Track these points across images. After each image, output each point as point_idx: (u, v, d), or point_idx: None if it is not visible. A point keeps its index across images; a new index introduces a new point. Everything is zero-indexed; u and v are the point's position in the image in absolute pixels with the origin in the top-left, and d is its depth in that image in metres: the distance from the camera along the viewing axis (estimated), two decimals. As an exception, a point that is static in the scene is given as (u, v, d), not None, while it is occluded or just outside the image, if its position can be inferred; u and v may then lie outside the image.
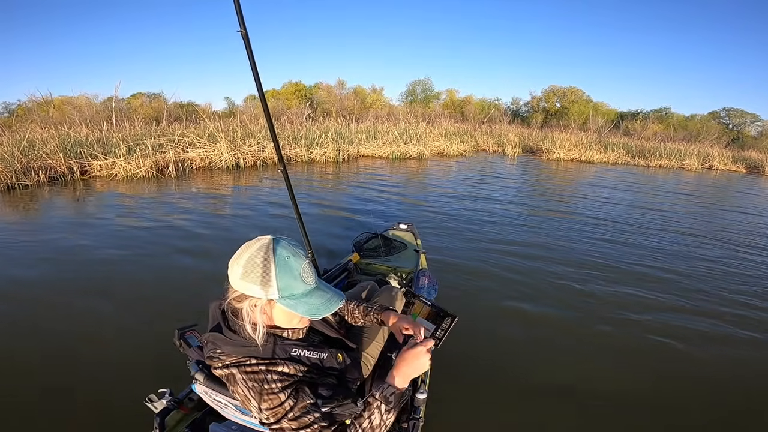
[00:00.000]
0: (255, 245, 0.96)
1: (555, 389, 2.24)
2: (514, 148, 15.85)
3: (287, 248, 0.96)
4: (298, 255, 0.97)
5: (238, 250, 0.98)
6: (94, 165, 7.51)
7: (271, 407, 0.92)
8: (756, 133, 30.13)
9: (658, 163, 15.91)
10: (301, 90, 28.34)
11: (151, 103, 20.12)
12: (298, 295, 0.95)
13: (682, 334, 2.88)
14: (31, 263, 3.59)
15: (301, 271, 0.95)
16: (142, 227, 4.64)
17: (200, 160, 8.50)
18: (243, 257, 0.94)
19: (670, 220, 6.47)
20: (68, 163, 7.23)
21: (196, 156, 8.43)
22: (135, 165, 7.47)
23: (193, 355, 1.15)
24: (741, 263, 4.52)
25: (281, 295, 0.93)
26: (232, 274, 0.96)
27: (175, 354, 1.25)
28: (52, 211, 5.38)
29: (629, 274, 3.97)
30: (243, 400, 0.96)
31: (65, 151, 7.42)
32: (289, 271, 0.94)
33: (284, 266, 0.93)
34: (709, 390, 2.35)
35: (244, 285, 0.93)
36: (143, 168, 7.45)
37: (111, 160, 7.49)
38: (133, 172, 7.44)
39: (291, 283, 0.94)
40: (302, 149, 10.15)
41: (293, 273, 0.94)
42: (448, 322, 1.33)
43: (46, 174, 6.93)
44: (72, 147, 7.60)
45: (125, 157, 7.50)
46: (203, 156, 8.52)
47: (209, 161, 8.61)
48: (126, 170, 7.41)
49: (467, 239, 4.72)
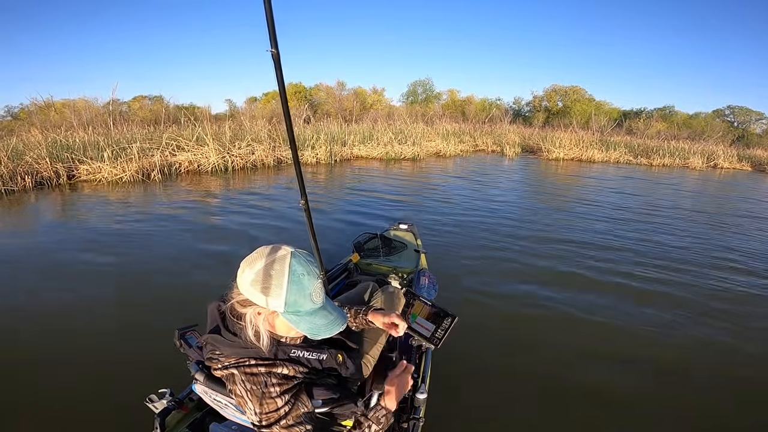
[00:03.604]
0: (272, 255, 0.94)
1: (556, 389, 2.24)
2: (513, 148, 15.66)
3: (304, 265, 0.94)
4: (312, 274, 0.95)
5: (252, 253, 0.96)
6: (81, 169, 7.46)
7: (267, 411, 0.93)
8: (761, 131, 29.72)
9: (661, 162, 15.65)
10: (301, 91, 28.31)
11: (153, 105, 20.21)
12: (303, 313, 0.94)
13: (682, 342, 2.82)
14: (22, 267, 3.61)
15: (312, 291, 0.94)
16: (132, 230, 4.65)
17: (188, 163, 8.41)
18: (257, 264, 0.93)
19: (673, 222, 6.27)
20: (54, 167, 7.18)
21: (185, 159, 8.34)
22: (120, 169, 7.40)
23: (193, 355, 1.14)
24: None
25: (287, 309, 0.93)
26: (242, 276, 0.94)
27: (175, 354, 1.25)
28: (39, 216, 5.37)
29: (630, 273, 3.96)
30: (239, 400, 0.96)
31: (52, 155, 7.36)
32: (302, 289, 0.93)
33: (298, 283, 0.93)
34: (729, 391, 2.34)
35: (252, 292, 0.92)
36: (128, 172, 7.38)
37: (97, 164, 7.42)
38: (118, 176, 7.37)
39: (300, 301, 0.93)
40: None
41: (305, 292, 0.93)
42: (448, 322, 1.36)
43: (33, 179, 6.89)
44: (59, 151, 7.55)
45: (110, 161, 7.43)
46: (192, 159, 8.43)
47: (198, 164, 8.52)
48: (111, 174, 7.34)
49: (466, 239, 4.75)
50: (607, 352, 2.64)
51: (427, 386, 1.63)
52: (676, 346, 2.76)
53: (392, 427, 1.40)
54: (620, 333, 2.87)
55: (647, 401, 2.20)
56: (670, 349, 2.71)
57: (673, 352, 2.68)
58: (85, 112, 12.41)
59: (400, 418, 1.46)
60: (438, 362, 1.86)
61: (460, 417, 1.99)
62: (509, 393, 2.19)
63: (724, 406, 2.22)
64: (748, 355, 2.71)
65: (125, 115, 16.05)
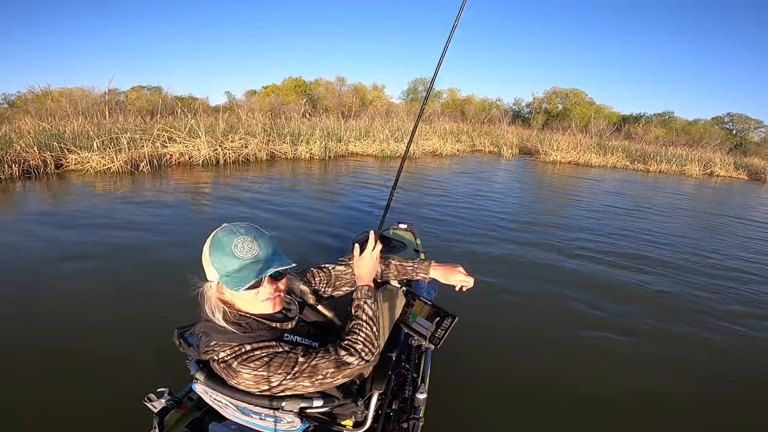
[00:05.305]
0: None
1: (556, 389, 2.24)
2: (510, 149, 15.60)
3: (226, 228, 0.98)
4: (234, 232, 0.96)
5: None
6: (70, 158, 7.36)
7: (288, 371, 0.94)
8: (759, 139, 29.69)
9: (657, 168, 15.60)
10: (300, 86, 28.13)
11: (150, 96, 20.01)
12: (232, 272, 0.94)
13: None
14: (15, 262, 3.54)
15: (232, 247, 0.94)
16: (121, 226, 4.55)
17: (179, 155, 8.31)
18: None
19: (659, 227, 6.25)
20: (43, 156, 7.08)
21: (175, 151, 8.25)
22: (109, 159, 7.31)
23: (192, 354, 1.13)
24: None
25: (220, 274, 0.95)
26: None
27: (174, 353, 1.24)
28: (30, 206, 5.29)
29: (631, 270, 4.05)
30: (249, 386, 0.94)
31: (40, 144, 7.26)
32: (221, 248, 0.94)
33: (217, 245, 0.95)
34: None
35: (204, 271, 0.99)
36: (117, 163, 7.29)
37: (86, 154, 7.33)
38: (107, 166, 7.28)
39: (224, 260, 0.94)
40: (287, 146, 9.94)
41: (224, 249, 0.94)
42: (448, 322, 1.35)
43: (20, 167, 6.78)
44: (48, 140, 7.44)
45: (99, 151, 7.33)
46: (183, 151, 8.34)
47: (189, 156, 8.43)
48: (99, 164, 7.25)
49: (466, 238, 4.78)
50: (608, 350, 2.65)
51: (427, 386, 1.61)
52: (681, 345, 2.79)
53: (392, 427, 1.41)
54: (621, 333, 2.87)
55: (652, 403, 2.21)
56: (672, 349, 2.74)
57: (677, 353, 2.71)
58: (82, 101, 12.26)
59: (400, 417, 1.45)
60: (438, 362, 1.86)
61: (460, 417, 1.99)
62: (509, 393, 2.20)
63: (726, 405, 2.24)
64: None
65: (122, 104, 15.88)
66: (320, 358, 0.98)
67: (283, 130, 10.48)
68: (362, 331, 1.07)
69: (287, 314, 1.10)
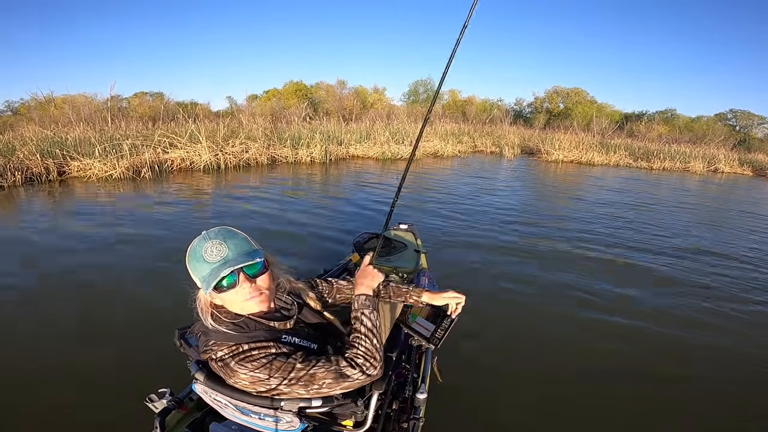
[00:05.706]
0: None
1: (556, 389, 2.23)
2: (512, 149, 15.56)
3: (200, 236, 0.98)
4: (205, 238, 0.97)
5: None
6: (72, 165, 7.40)
7: (284, 375, 0.94)
8: (763, 135, 29.49)
9: (661, 166, 15.52)
10: (301, 89, 28.23)
11: (153, 102, 20.13)
12: (205, 276, 0.95)
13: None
14: (17, 267, 3.57)
15: (203, 252, 0.95)
16: (124, 231, 4.58)
17: (180, 160, 8.34)
18: None
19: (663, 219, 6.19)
20: (45, 164, 7.13)
21: (177, 157, 8.27)
22: (110, 166, 7.34)
23: (193, 354, 1.14)
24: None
25: (198, 280, 0.97)
26: None
27: (175, 354, 1.26)
28: (32, 213, 5.31)
29: (631, 272, 4.05)
30: (245, 385, 0.95)
31: (43, 151, 7.31)
32: (194, 255, 0.96)
33: (192, 254, 0.97)
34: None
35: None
36: (119, 169, 7.32)
37: (88, 161, 7.36)
38: (108, 173, 7.31)
39: (197, 266, 0.95)
40: (288, 150, 9.95)
41: (196, 256, 0.96)
42: (447, 323, 1.36)
43: (23, 175, 6.83)
44: (50, 147, 7.49)
45: (101, 158, 7.36)
46: (184, 157, 8.36)
47: (190, 161, 8.45)
48: (101, 171, 7.28)
49: (466, 238, 4.79)
50: (609, 350, 2.65)
51: (427, 386, 1.61)
52: (683, 329, 2.84)
53: (392, 427, 1.41)
54: (621, 333, 2.87)
55: (654, 403, 2.20)
56: (675, 333, 2.79)
57: (680, 336, 2.77)
58: (84, 107, 12.35)
59: (400, 417, 1.45)
60: (437, 362, 1.87)
61: (460, 417, 1.99)
62: (509, 393, 2.19)
63: (728, 404, 2.23)
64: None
65: (125, 111, 15.99)
66: (319, 366, 0.97)
67: (284, 134, 10.49)
68: (362, 345, 1.06)
69: (285, 314, 1.10)
